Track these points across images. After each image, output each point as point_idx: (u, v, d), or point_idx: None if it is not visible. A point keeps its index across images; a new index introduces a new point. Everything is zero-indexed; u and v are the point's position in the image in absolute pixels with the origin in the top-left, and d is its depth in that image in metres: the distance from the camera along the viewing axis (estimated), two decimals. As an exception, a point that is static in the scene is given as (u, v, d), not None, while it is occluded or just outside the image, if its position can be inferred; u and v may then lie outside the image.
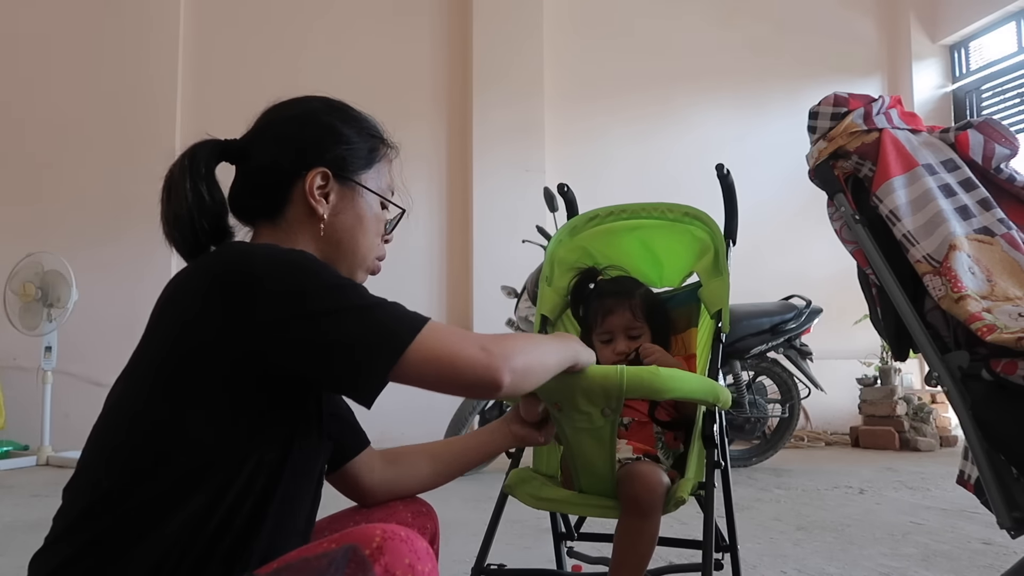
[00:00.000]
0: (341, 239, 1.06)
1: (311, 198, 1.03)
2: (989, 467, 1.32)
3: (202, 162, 1.03)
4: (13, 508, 3.14)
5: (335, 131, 1.08)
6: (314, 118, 1.09)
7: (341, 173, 1.06)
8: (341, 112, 1.11)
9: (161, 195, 1.02)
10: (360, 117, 1.13)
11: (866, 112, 1.53)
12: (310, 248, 1.04)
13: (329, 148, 1.06)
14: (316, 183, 1.03)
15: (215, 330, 0.85)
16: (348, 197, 1.07)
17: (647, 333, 1.62)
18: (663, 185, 5.27)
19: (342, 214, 1.06)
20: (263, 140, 1.08)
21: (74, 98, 5.41)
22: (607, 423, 1.27)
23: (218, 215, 1.03)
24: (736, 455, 4.14)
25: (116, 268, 5.25)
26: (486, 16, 5.68)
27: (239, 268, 0.88)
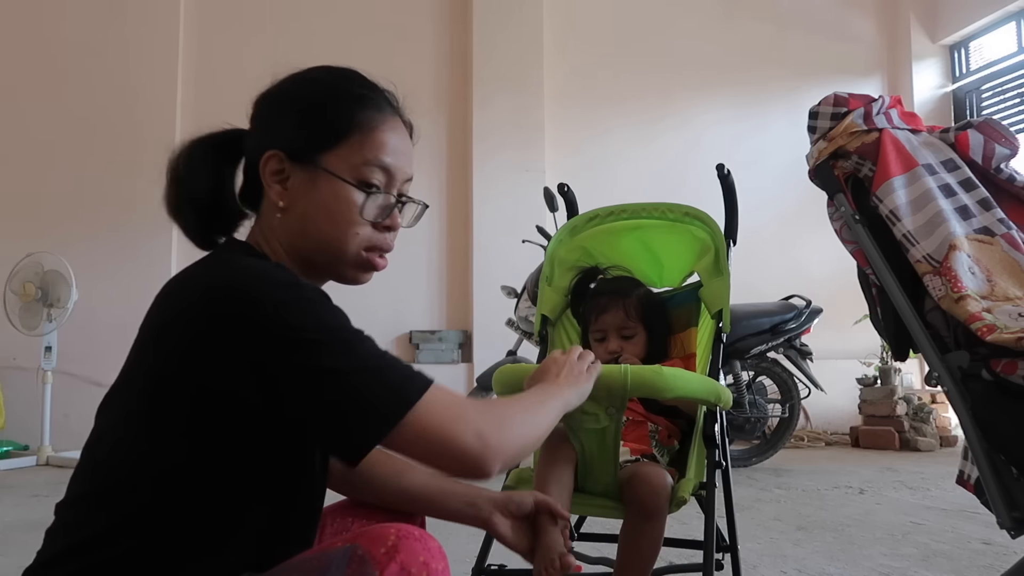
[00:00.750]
0: (308, 230, 0.93)
1: (267, 186, 0.93)
2: (989, 467, 1.32)
3: (200, 150, 0.98)
4: (13, 508, 3.14)
5: (294, 104, 0.96)
6: (279, 93, 0.99)
7: (297, 154, 0.92)
8: (302, 81, 1.00)
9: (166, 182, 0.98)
10: (343, 79, 1.00)
11: (866, 112, 1.53)
12: (286, 245, 0.94)
13: (285, 126, 0.95)
14: (271, 167, 0.93)
15: (203, 366, 0.80)
16: (308, 181, 0.92)
17: (641, 333, 1.62)
18: (663, 185, 5.27)
19: (302, 200, 0.92)
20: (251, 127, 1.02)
21: (74, 98, 5.41)
22: (612, 422, 1.27)
23: (211, 208, 0.97)
24: (736, 455, 4.13)
25: (116, 268, 5.25)
26: (486, 16, 5.67)
27: (234, 300, 0.80)
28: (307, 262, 0.95)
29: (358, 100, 0.97)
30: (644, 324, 1.63)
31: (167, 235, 5.36)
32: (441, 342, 5.42)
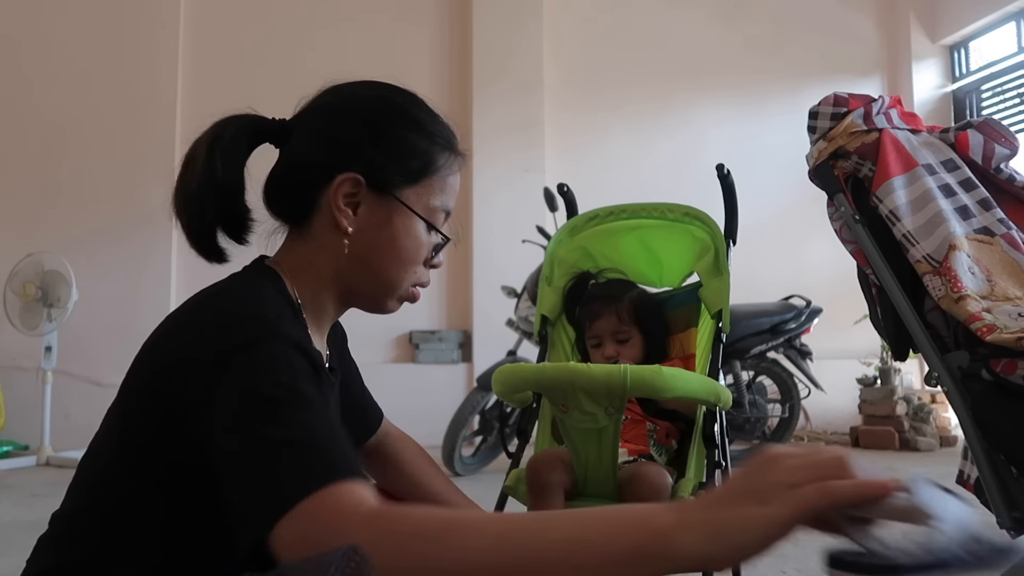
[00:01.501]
0: (368, 260, 0.89)
1: (335, 207, 0.87)
2: (989, 467, 1.32)
3: (228, 134, 0.89)
4: (13, 508, 3.14)
5: (380, 129, 0.90)
6: (358, 110, 0.92)
7: (377, 183, 0.88)
8: (397, 106, 0.93)
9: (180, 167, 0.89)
10: (423, 116, 0.94)
11: (866, 112, 1.53)
12: (333, 268, 0.89)
13: (367, 149, 0.89)
14: (344, 190, 0.87)
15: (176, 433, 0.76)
16: (382, 212, 0.89)
17: (637, 336, 1.62)
18: (663, 185, 5.27)
19: (371, 231, 0.88)
20: (304, 126, 0.93)
21: (74, 98, 5.41)
22: (611, 422, 1.27)
23: (227, 197, 0.89)
24: (736, 455, 4.13)
25: (116, 268, 5.25)
26: (486, 16, 5.68)
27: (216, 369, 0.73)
28: (350, 290, 0.92)
29: (442, 142, 0.94)
30: (639, 327, 1.62)
31: (167, 235, 5.36)
32: (441, 342, 5.42)
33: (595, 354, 1.64)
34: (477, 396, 3.81)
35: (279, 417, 0.69)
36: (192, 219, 0.89)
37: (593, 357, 1.64)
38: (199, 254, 0.92)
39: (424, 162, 0.91)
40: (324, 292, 0.92)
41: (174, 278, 5.33)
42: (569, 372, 1.27)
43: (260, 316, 0.78)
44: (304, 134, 0.92)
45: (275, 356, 0.73)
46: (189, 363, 0.77)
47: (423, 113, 0.94)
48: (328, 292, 0.92)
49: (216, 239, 0.91)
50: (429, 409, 4.63)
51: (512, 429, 1.79)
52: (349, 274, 0.90)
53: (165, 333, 0.85)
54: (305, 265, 0.90)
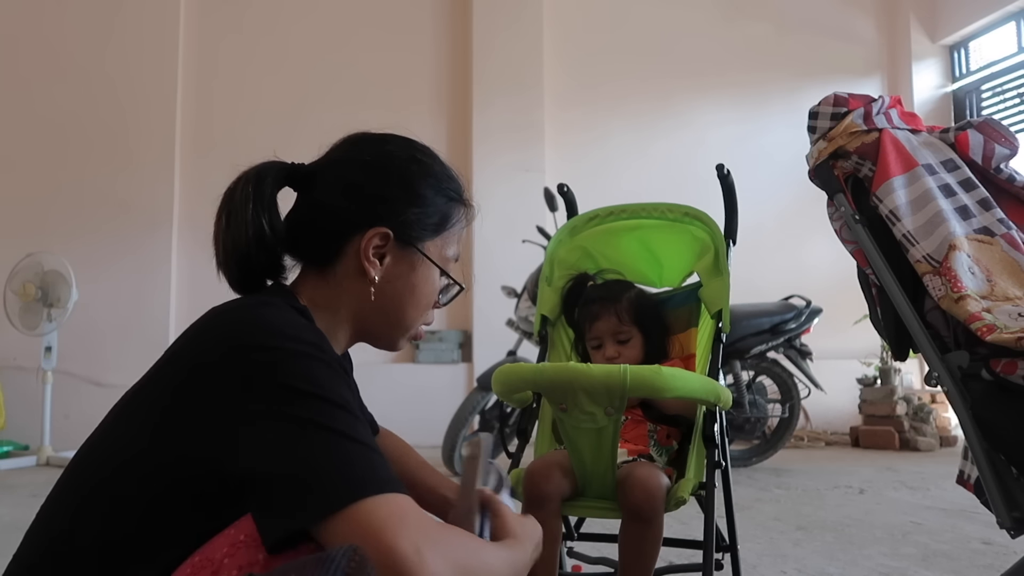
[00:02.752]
0: (388, 306, 0.97)
1: (364, 259, 0.94)
2: (989, 467, 1.32)
3: (267, 190, 0.94)
4: (13, 508, 3.14)
5: (410, 189, 0.97)
6: (391, 168, 0.98)
7: (404, 237, 0.96)
8: (423, 166, 1.00)
9: (218, 218, 0.93)
10: (443, 174, 1.02)
11: (866, 112, 1.53)
12: (352, 309, 0.96)
13: (398, 208, 0.96)
14: (373, 243, 0.94)
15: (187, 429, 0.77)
16: (406, 263, 0.97)
17: (637, 336, 1.62)
18: (663, 185, 5.27)
19: (395, 281, 0.97)
20: (332, 176, 0.98)
21: (75, 98, 5.41)
22: (610, 422, 1.27)
23: (276, 248, 0.95)
24: (736, 455, 4.13)
25: (116, 268, 5.26)
26: (486, 16, 5.68)
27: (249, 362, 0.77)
28: (365, 330, 0.99)
29: (457, 198, 1.03)
30: (638, 327, 1.62)
31: (167, 235, 5.37)
32: (441, 342, 5.42)
33: (596, 355, 1.64)
34: (477, 396, 3.81)
35: (336, 415, 0.74)
36: (242, 272, 0.94)
37: (594, 358, 1.64)
38: (238, 294, 0.96)
39: (443, 217, 1.00)
40: (340, 328, 0.98)
41: (174, 278, 5.33)
42: (569, 372, 1.27)
43: (297, 324, 0.83)
44: (335, 184, 0.97)
45: (313, 359, 0.78)
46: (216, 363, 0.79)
47: (443, 170, 1.03)
48: (343, 329, 0.98)
49: (263, 283, 0.97)
50: (429, 409, 4.64)
51: (512, 429, 1.79)
52: (368, 317, 0.97)
53: (196, 343, 0.85)
54: (325, 304, 0.96)
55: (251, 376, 0.76)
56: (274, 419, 0.73)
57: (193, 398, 0.79)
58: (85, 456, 0.85)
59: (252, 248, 0.92)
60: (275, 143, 5.01)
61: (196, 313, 0.88)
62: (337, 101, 5.56)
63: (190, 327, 0.87)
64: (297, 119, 5.54)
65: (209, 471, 0.76)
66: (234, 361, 0.78)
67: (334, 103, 5.55)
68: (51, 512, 0.83)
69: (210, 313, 0.87)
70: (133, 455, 0.80)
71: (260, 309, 0.85)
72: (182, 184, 5.46)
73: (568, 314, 1.74)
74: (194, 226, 5.40)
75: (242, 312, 0.84)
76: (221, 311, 0.86)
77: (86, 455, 0.85)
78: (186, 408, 0.79)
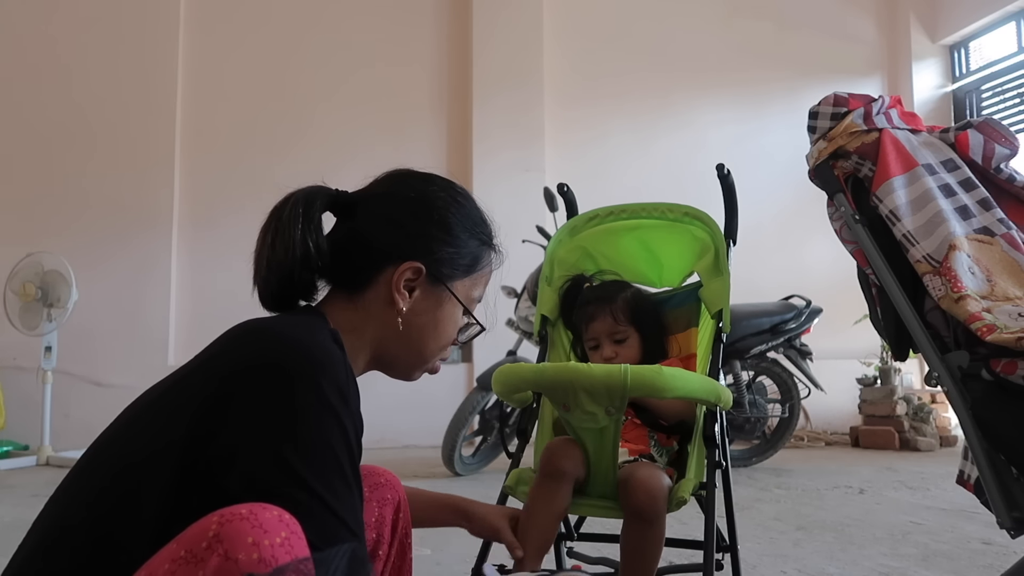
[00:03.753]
0: (411, 337, 1.01)
1: (395, 289, 0.98)
2: (989, 467, 1.32)
3: (316, 213, 0.97)
4: (13, 508, 3.14)
5: (448, 229, 1.02)
6: (433, 208, 1.02)
7: (435, 273, 1.01)
8: (461, 208, 1.05)
9: (262, 236, 0.96)
10: (479, 218, 1.07)
11: (866, 112, 1.53)
12: (375, 335, 0.99)
13: (434, 246, 1.01)
14: (405, 276, 0.98)
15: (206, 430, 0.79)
16: (433, 298, 1.01)
17: (634, 336, 1.62)
18: (663, 185, 5.27)
19: (422, 314, 1.01)
20: (375, 207, 1.02)
21: (75, 98, 5.41)
22: (611, 422, 1.27)
23: (318, 270, 0.98)
24: (736, 455, 4.13)
25: (116, 268, 5.25)
26: (486, 16, 5.67)
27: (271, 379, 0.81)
28: (385, 358, 1.02)
29: (488, 242, 1.08)
30: (635, 326, 1.62)
31: (167, 235, 5.37)
32: (441, 342, 5.42)
33: (593, 356, 1.63)
34: (477, 396, 3.81)
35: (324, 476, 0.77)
36: (281, 289, 0.96)
37: (592, 360, 1.64)
38: (268, 310, 0.99)
39: (474, 259, 1.05)
40: (361, 353, 1.01)
41: (174, 278, 5.33)
42: (569, 372, 1.27)
43: (334, 357, 0.85)
44: (376, 217, 1.01)
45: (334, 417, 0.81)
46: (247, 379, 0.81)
47: (478, 215, 1.07)
48: (364, 353, 1.01)
49: (296, 302, 1.00)
50: (429, 409, 4.64)
51: (512, 429, 1.79)
52: (390, 346, 1.01)
53: (235, 352, 0.87)
54: (351, 328, 0.98)
55: (271, 407, 0.78)
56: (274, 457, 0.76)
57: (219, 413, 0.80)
58: (103, 450, 0.86)
59: (296, 267, 0.94)
60: (275, 143, 5.08)
61: (196, 313, 0.88)
62: (337, 100, 5.56)
63: (226, 335, 0.89)
64: (298, 119, 5.54)
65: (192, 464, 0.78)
66: (264, 381, 0.80)
67: (334, 102, 5.55)
68: (66, 500, 0.83)
69: (250, 325, 0.88)
70: (164, 445, 0.81)
71: (300, 332, 0.87)
72: (182, 184, 5.46)
73: (566, 316, 1.74)
74: (194, 226, 5.40)
75: (284, 331, 0.87)
76: (264, 326, 0.88)
77: (104, 449, 0.86)
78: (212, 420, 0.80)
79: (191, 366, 0.88)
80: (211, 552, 0.67)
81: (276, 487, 0.75)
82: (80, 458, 0.88)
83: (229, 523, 0.68)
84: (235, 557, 0.66)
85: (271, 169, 5.17)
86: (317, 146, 5.38)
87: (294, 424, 0.78)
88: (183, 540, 0.70)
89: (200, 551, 0.67)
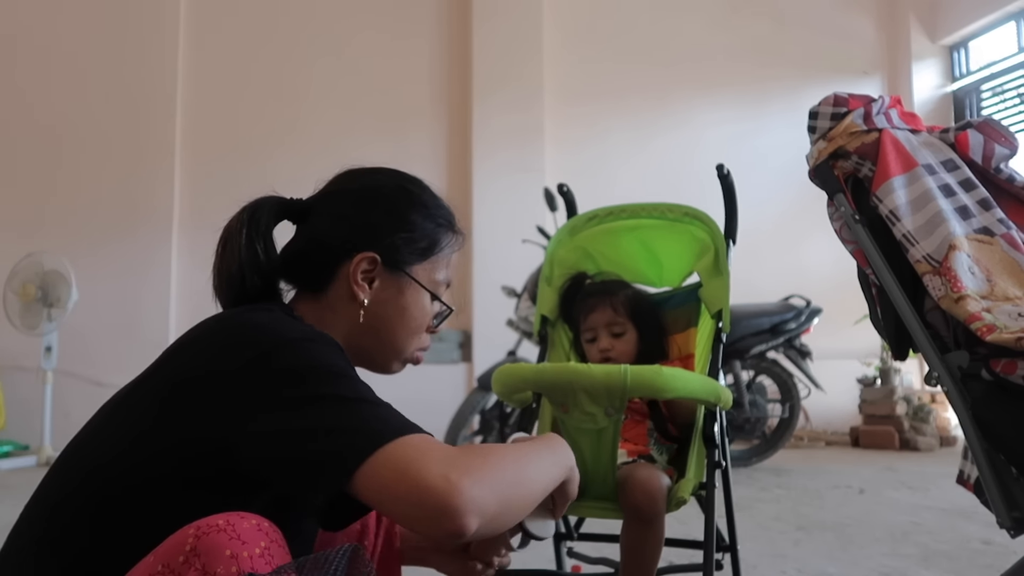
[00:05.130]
0: (379, 328, 1.00)
1: (353, 282, 0.98)
2: (989, 467, 1.32)
3: (262, 219, 0.98)
4: (13, 508, 3.13)
5: (398, 215, 1.02)
6: (379, 197, 1.02)
7: (391, 261, 1.00)
8: (411, 194, 1.05)
9: (217, 247, 0.98)
10: (432, 202, 1.06)
11: (866, 112, 1.53)
12: (344, 331, 0.98)
13: (385, 233, 1.00)
14: (361, 267, 0.98)
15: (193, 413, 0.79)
16: (394, 286, 1.01)
17: (631, 331, 1.62)
18: (663, 185, 5.27)
19: (385, 303, 1.00)
20: (324, 208, 1.02)
21: (74, 98, 5.41)
22: (610, 423, 1.27)
23: (270, 274, 0.98)
24: (736, 455, 4.13)
25: (116, 268, 5.25)
26: (486, 17, 5.67)
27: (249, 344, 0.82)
28: (359, 352, 1.01)
29: (445, 224, 1.06)
30: (633, 322, 1.63)
31: (167, 235, 5.37)
32: (441, 342, 5.42)
33: (590, 349, 1.64)
34: (477, 396, 3.81)
35: (338, 383, 0.78)
36: (234, 293, 0.97)
37: (588, 352, 1.64)
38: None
39: (431, 242, 1.04)
40: None
41: (174, 278, 5.33)
42: (569, 372, 1.27)
43: (291, 324, 0.87)
44: (326, 216, 1.01)
45: (316, 347, 0.82)
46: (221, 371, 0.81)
47: (432, 199, 1.07)
48: None
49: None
50: (429, 409, 4.63)
51: (512, 429, 1.79)
52: (361, 340, 1.00)
53: (194, 342, 0.88)
54: (321, 327, 0.97)
55: (250, 369, 0.79)
56: (281, 407, 0.76)
57: (194, 394, 0.80)
58: (76, 451, 0.86)
59: (245, 271, 0.95)
60: (276, 143, 5.06)
61: (196, 313, 0.89)
62: (338, 101, 5.56)
63: (187, 332, 0.90)
64: (298, 119, 5.54)
65: (206, 456, 0.78)
66: (232, 358, 0.81)
67: (335, 103, 5.55)
68: (42, 503, 0.85)
69: (208, 319, 0.90)
70: (131, 442, 0.81)
71: (254, 314, 0.88)
72: (182, 184, 5.46)
73: (566, 312, 1.74)
74: (194, 226, 5.40)
75: (239, 316, 0.88)
76: (218, 317, 0.90)
77: (76, 451, 0.86)
78: (187, 402, 0.80)
79: (154, 366, 0.88)
80: (188, 567, 0.65)
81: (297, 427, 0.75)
82: (52, 465, 0.88)
83: (206, 536, 0.66)
84: (213, 571, 0.64)
85: (271, 169, 5.17)
86: (317, 146, 5.38)
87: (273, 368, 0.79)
88: (160, 553, 0.68)
89: (177, 566, 0.65)
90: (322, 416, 0.75)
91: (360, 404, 0.78)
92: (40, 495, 0.86)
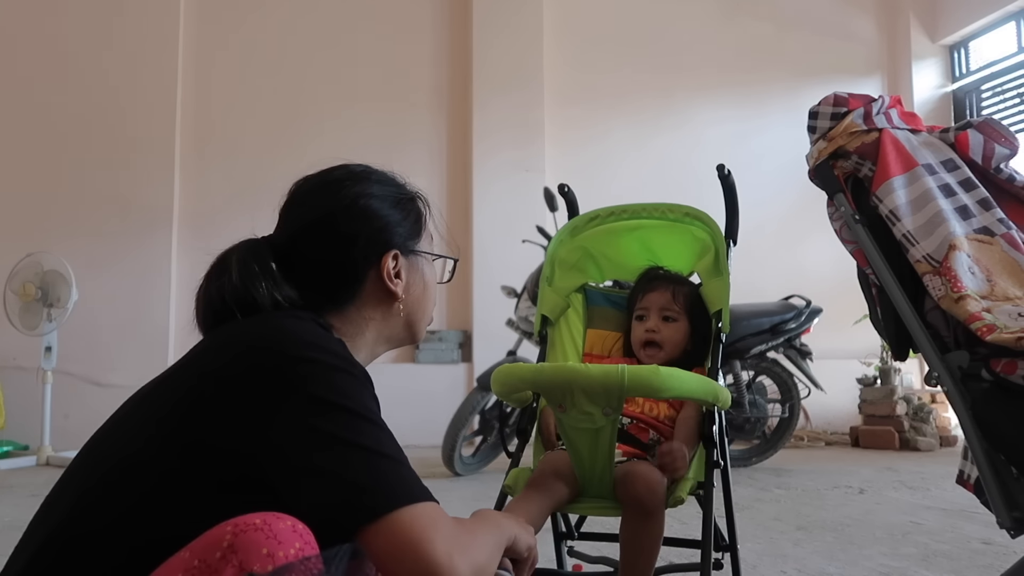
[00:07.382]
0: (413, 310, 1.09)
1: (389, 282, 1.03)
2: (989, 467, 1.32)
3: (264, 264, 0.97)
4: (13, 508, 3.14)
5: (385, 211, 1.06)
6: (362, 205, 1.04)
7: (405, 249, 1.06)
8: (377, 187, 1.07)
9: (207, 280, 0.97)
10: (392, 183, 1.09)
11: (866, 112, 1.53)
12: (378, 328, 1.04)
13: (389, 228, 1.05)
14: (389, 267, 1.03)
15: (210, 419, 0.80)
16: (415, 269, 1.08)
17: (684, 322, 1.61)
18: (663, 185, 5.28)
19: (413, 286, 1.08)
20: (314, 238, 1.02)
21: (75, 98, 5.41)
22: (608, 423, 1.27)
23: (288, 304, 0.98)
24: (736, 455, 4.13)
25: (116, 268, 5.25)
26: (486, 16, 5.67)
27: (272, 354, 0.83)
28: (392, 338, 1.09)
29: (413, 196, 1.11)
30: (688, 315, 1.62)
31: (167, 235, 5.37)
32: (441, 342, 5.42)
33: (637, 327, 1.64)
34: (477, 396, 3.81)
35: (367, 431, 0.81)
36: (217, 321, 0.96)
37: (634, 330, 1.64)
38: None
39: (416, 216, 1.10)
40: (362, 354, 1.05)
41: (174, 278, 5.33)
42: (567, 372, 1.27)
43: (325, 336, 0.89)
44: (329, 242, 1.02)
45: (351, 383, 0.84)
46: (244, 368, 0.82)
47: (389, 180, 1.10)
48: (366, 354, 1.07)
49: None
50: (429, 409, 4.64)
51: (512, 429, 1.79)
52: (394, 327, 1.07)
53: (230, 344, 0.88)
54: (353, 334, 1.03)
55: (282, 385, 0.80)
56: (309, 432, 0.78)
57: (220, 396, 0.81)
58: (98, 446, 0.87)
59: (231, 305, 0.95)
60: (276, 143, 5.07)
61: (196, 313, 0.88)
62: (337, 100, 5.56)
63: (216, 333, 0.91)
64: (298, 119, 5.54)
65: (230, 460, 0.78)
66: (264, 367, 0.81)
67: (334, 102, 5.56)
68: (62, 497, 0.84)
69: (237, 322, 0.90)
70: (156, 437, 0.81)
71: (289, 320, 0.89)
72: (182, 184, 5.46)
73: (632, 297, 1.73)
74: (194, 226, 5.40)
75: (272, 322, 0.89)
76: (250, 321, 0.90)
77: (97, 445, 0.87)
78: (212, 403, 0.81)
79: (181, 363, 0.89)
80: (225, 562, 0.67)
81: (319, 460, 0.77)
82: (73, 460, 0.88)
83: (243, 533, 0.68)
84: (249, 568, 0.66)
85: (271, 169, 5.16)
86: (317, 145, 5.38)
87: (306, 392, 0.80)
88: (196, 549, 0.69)
89: (214, 561, 0.67)
90: (345, 463, 0.78)
91: (382, 460, 0.80)
92: (65, 484, 0.86)
